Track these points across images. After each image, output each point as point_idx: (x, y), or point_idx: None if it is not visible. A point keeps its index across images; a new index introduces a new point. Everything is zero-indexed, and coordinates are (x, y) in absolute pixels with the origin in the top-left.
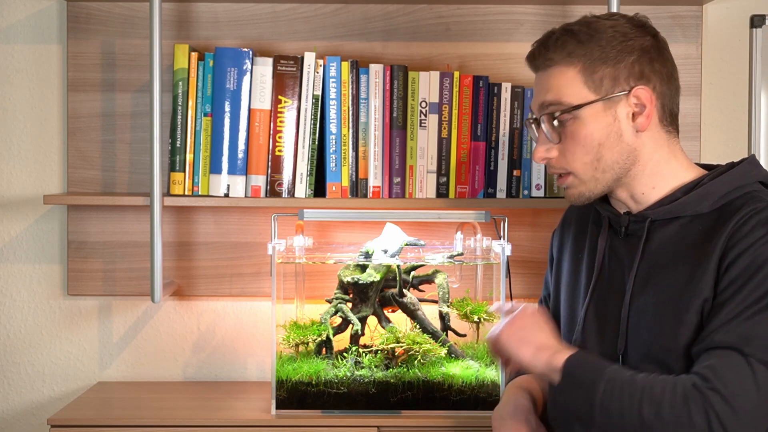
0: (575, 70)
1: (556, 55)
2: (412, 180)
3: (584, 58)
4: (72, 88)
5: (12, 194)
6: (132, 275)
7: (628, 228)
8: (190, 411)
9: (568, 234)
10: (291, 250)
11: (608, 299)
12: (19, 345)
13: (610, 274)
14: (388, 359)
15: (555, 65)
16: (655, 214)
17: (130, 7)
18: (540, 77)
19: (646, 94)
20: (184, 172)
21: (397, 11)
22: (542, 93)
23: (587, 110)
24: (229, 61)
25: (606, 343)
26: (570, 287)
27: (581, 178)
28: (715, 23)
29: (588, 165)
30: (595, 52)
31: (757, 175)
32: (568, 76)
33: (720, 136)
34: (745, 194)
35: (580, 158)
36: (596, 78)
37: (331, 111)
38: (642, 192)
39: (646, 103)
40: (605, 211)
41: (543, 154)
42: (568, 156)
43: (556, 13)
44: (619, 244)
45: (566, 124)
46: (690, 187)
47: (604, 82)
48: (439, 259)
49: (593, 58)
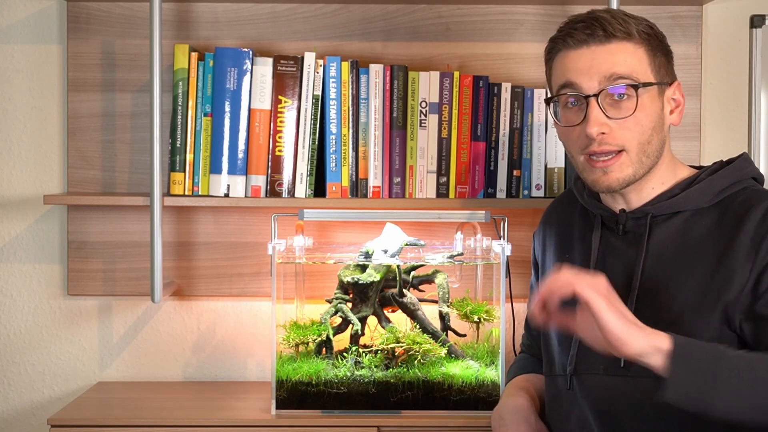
0: (643, 49)
1: (626, 29)
2: (412, 180)
3: (648, 41)
4: (72, 88)
5: (12, 194)
6: (132, 275)
7: (626, 225)
8: (190, 411)
9: (549, 235)
10: (291, 250)
11: None
12: (19, 345)
13: (608, 272)
14: (388, 359)
15: (623, 40)
16: (656, 210)
17: (130, 7)
18: (602, 49)
19: (680, 88)
20: (184, 172)
21: (397, 11)
22: (609, 64)
23: (651, 91)
24: (229, 61)
25: None
26: None
27: (632, 157)
28: (715, 23)
29: (640, 146)
30: (654, 40)
31: (751, 172)
32: (638, 54)
33: (720, 136)
34: (744, 189)
35: (636, 137)
36: (657, 63)
37: (331, 111)
38: (652, 187)
39: (681, 99)
40: (598, 210)
41: (601, 127)
42: (626, 133)
43: (556, 13)
44: (617, 241)
45: (629, 100)
46: (688, 183)
47: (661, 69)
48: (439, 259)
49: (653, 44)
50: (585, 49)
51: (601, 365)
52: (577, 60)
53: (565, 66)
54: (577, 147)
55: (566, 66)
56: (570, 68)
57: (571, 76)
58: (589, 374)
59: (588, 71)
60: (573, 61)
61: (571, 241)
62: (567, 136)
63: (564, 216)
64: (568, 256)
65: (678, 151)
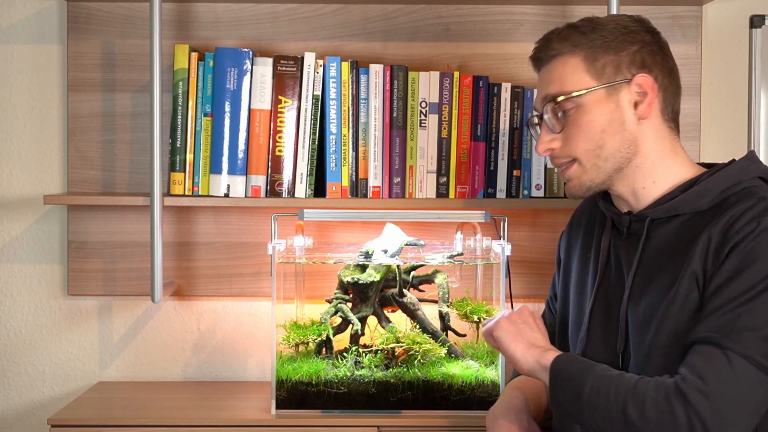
0: (578, 58)
1: (559, 45)
2: (412, 180)
3: (586, 46)
4: (72, 88)
5: (12, 194)
6: (132, 275)
7: (630, 228)
8: (190, 411)
9: (576, 235)
10: (291, 250)
11: (611, 299)
12: (19, 345)
13: (612, 274)
14: (388, 359)
15: (558, 56)
16: (654, 213)
17: (130, 7)
18: (543, 72)
19: (647, 81)
20: (184, 172)
21: (397, 11)
22: (545, 86)
23: (589, 97)
24: (229, 61)
25: (608, 342)
26: (578, 288)
27: (584, 165)
28: (715, 23)
29: (591, 152)
30: (597, 41)
31: (756, 171)
32: (571, 64)
33: (720, 136)
34: (743, 190)
35: (582, 145)
36: (598, 65)
37: (331, 111)
38: (643, 186)
39: (648, 91)
40: (608, 211)
41: (546, 145)
42: (571, 144)
43: (556, 13)
44: (621, 244)
45: (569, 112)
46: (688, 184)
47: (606, 69)
48: (439, 259)
49: (595, 46)
50: (539, 72)
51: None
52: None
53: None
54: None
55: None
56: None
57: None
58: None
59: (537, 95)
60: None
61: (591, 243)
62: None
63: (590, 218)
64: (589, 257)
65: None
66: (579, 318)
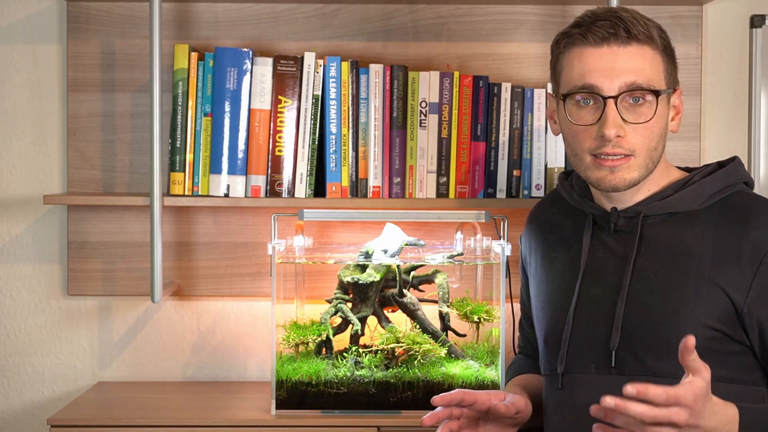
0: (658, 54)
1: (647, 32)
2: (412, 180)
3: (662, 45)
4: (72, 88)
5: (12, 194)
6: (132, 275)
7: (617, 224)
8: (190, 411)
9: (535, 236)
10: (291, 250)
11: (599, 296)
12: (19, 345)
13: (599, 270)
14: (388, 359)
15: (643, 44)
16: (648, 210)
17: (130, 7)
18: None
19: (681, 97)
20: (184, 172)
21: (397, 11)
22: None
23: (664, 97)
24: (229, 61)
25: (597, 339)
26: (549, 287)
27: (640, 162)
28: (715, 23)
29: (649, 151)
30: (668, 46)
31: (743, 176)
32: (656, 59)
33: (720, 136)
34: (736, 192)
35: (646, 143)
36: (671, 68)
37: (331, 111)
38: (648, 189)
39: (681, 106)
40: (590, 209)
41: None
42: (638, 138)
43: (556, 13)
44: (609, 240)
45: (643, 107)
46: (681, 184)
47: (672, 74)
48: (439, 259)
49: (667, 46)
50: (606, 48)
51: (592, 364)
52: (598, 59)
53: (584, 64)
54: (585, 146)
55: (585, 64)
56: (590, 68)
57: (591, 78)
58: (580, 374)
59: (609, 73)
60: (593, 60)
61: (557, 242)
62: (575, 135)
63: (549, 217)
64: (555, 256)
65: (678, 151)
66: (556, 317)
